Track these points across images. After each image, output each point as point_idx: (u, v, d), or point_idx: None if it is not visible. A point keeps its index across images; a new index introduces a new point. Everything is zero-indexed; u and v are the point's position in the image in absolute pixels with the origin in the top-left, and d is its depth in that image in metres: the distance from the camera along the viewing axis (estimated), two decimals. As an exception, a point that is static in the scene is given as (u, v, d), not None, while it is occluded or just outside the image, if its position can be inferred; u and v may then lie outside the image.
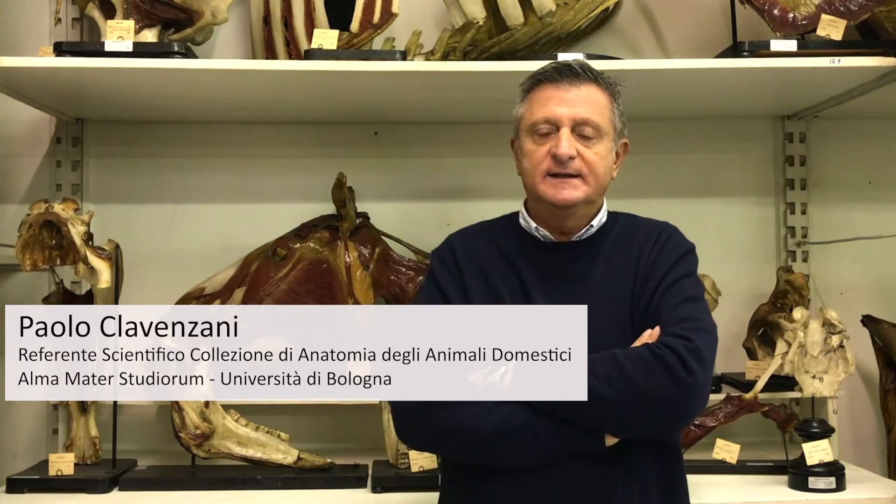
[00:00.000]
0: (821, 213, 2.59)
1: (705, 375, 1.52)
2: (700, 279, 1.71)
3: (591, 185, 1.63)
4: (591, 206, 1.67)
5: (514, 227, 1.73)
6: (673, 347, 1.50)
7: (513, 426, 1.52)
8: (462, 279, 1.67)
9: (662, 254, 1.66)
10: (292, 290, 2.32)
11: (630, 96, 2.28)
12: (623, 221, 1.74)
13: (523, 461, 1.54)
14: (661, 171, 2.58)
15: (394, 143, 2.56)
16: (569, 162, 1.60)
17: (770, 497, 2.04)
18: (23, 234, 2.05)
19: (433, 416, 1.54)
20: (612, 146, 1.67)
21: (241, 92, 2.22)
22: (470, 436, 1.53)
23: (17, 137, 2.50)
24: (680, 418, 1.56)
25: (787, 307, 2.34)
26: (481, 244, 1.72)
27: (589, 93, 1.64)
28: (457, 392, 1.54)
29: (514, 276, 1.66)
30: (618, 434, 1.54)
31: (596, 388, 1.49)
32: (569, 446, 1.53)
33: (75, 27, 2.45)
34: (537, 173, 1.63)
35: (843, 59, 2.05)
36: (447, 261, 1.71)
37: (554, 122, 1.62)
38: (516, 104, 1.71)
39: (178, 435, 2.08)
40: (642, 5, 2.59)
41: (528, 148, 1.65)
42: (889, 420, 2.48)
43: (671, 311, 1.58)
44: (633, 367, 1.49)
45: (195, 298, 2.34)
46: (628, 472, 1.56)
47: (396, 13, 2.20)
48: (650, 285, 1.63)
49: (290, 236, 2.37)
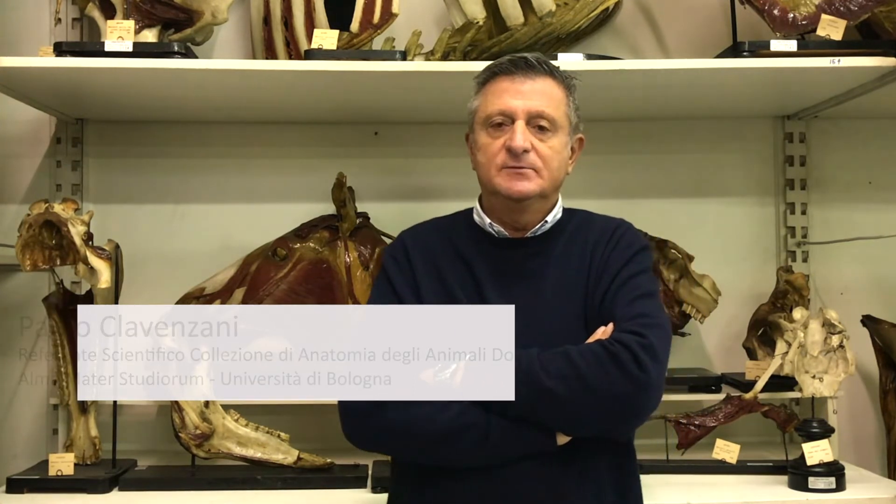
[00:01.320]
0: (821, 213, 2.59)
1: (658, 372, 1.51)
2: (654, 276, 1.70)
3: (545, 178, 1.61)
4: (545, 201, 1.66)
5: (468, 223, 1.72)
6: (626, 343, 1.49)
7: (464, 425, 1.50)
8: (414, 276, 1.66)
9: (616, 250, 1.65)
10: (292, 290, 2.32)
11: (630, 96, 2.31)
12: (578, 218, 1.73)
13: (475, 461, 1.52)
14: (661, 171, 2.58)
15: (394, 143, 2.56)
16: (523, 155, 1.59)
17: (770, 497, 2.04)
18: (23, 234, 2.05)
19: (382, 415, 1.52)
20: (567, 140, 1.65)
21: (241, 92, 2.22)
22: (421, 435, 1.51)
23: (17, 137, 2.50)
24: (633, 416, 1.53)
25: (787, 307, 2.34)
26: (434, 240, 1.70)
27: (544, 86, 1.62)
28: (407, 391, 1.52)
29: (467, 273, 1.65)
30: (571, 432, 1.52)
31: (549, 386, 1.47)
32: (521, 445, 1.51)
33: (75, 27, 2.45)
34: (492, 166, 1.62)
35: (843, 59, 2.05)
36: (399, 257, 1.69)
37: (509, 114, 1.60)
38: (471, 97, 1.69)
39: (178, 435, 2.08)
40: (642, 5, 2.59)
41: (483, 141, 1.64)
42: (889, 420, 2.48)
43: (624, 308, 1.56)
44: (586, 364, 1.48)
45: (195, 298, 2.33)
46: (581, 472, 1.55)
47: (396, 13, 2.20)
48: (604, 282, 1.61)
49: (290, 236, 2.37)
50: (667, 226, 2.47)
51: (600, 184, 2.55)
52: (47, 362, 2.44)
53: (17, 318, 2.45)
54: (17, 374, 2.47)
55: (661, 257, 2.42)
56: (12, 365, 2.46)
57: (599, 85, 2.17)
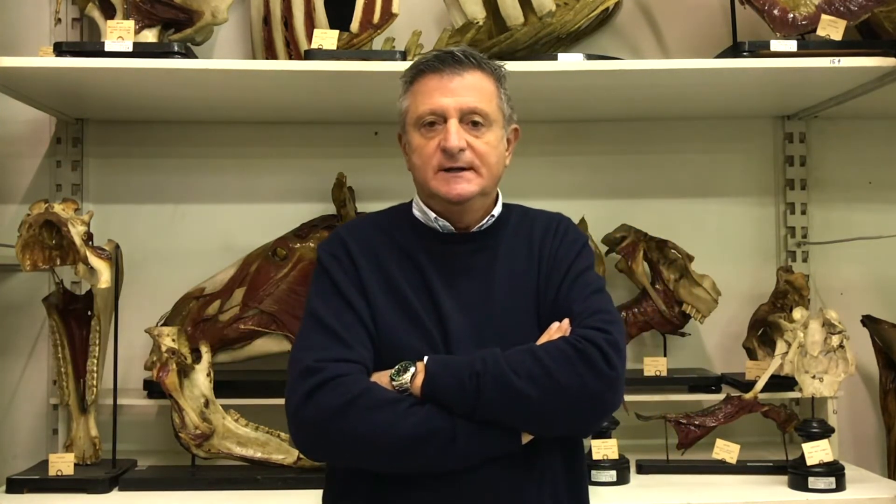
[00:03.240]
0: (821, 213, 2.59)
1: (623, 368, 1.49)
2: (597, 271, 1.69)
3: (484, 176, 1.57)
4: (486, 198, 1.62)
5: (408, 218, 1.66)
6: (593, 341, 1.47)
7: (430, 430, 1.44)
8: (359, 275, 1.58)
9: (563, 245, 1.62)
10: (292, 290, 2.32)
11: (630, 96, 2.31)
12: (517, 212, 1.70)
13: (441, 466, 1.46)
14: (662, 171, 2.58)
15: (394, 143, 2.52)
16: (459, 154, 1.54)
17: (770, 497, 2.04)
18: (23, 234, 2.05)
19: (344, 423, 1.44)
20: (502, 133, 1.61)
21: (241, 92, 2.22)
22: (384, 443, 1.44)
23: (17, 137, 2.50)
24: (602, 413, 1.52)
25: (787, 307, 2.34)
26: (375, 237, 1.64)
27: (474, 80, 1.58)
28: (366, 397, 1.45)
29: (414, 270, 1.59)
30: (539, 433, 1.49)
31: (518, 387, 1.43)
32: (487, 448, 1.46)
33: (75, 27, 2.45)
34: (428, 169, 1.58)
35: (843, 59, 2.05)
36: (340, 256, 1.60)
37: (440, 113, 1.56)
38: (399, 97, 1.64)
39: (178, 435, 2.08)
40: (642, 5, 2.59)
41: (417, 143, 1.59)
42: (889, 420, 2.48)
43: (582, 303, 1.54)
44: (555, 363, 1.45)
45: (195, 298, 2.34)
46: (541, 472, 1.52)
47: (396, 13, 2.20)
48: (555, 277, 1.59)
49: (290, 236, 2.37)
50: (667, 226, 2.47)
51: (600, 184, 2.55)
52: (47, 362, 2.44)
53: (17, 318, 2.46)
54: (17, 374, 2.47)
55: (661, 257, 2.42)
56: (12, 365, 2.47)
57: (599, 85, 2.18)
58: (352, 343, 1.52)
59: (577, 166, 2.57)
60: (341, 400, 1.44)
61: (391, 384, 1.49)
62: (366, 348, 1.53)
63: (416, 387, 1.47)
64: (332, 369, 1.47)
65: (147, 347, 2.28)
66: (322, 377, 1.46)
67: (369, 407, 1.44)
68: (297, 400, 1.47)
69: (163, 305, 2.35)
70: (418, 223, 1.65)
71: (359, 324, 1.54)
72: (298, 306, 2.32)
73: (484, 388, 1.44)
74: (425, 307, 1.56)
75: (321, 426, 1.46)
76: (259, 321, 2.31)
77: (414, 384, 1.48)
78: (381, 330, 1.55)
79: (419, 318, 1.55)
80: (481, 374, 1.44)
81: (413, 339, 1.54)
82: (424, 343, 1.53)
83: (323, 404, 1.45)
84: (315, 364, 1.48)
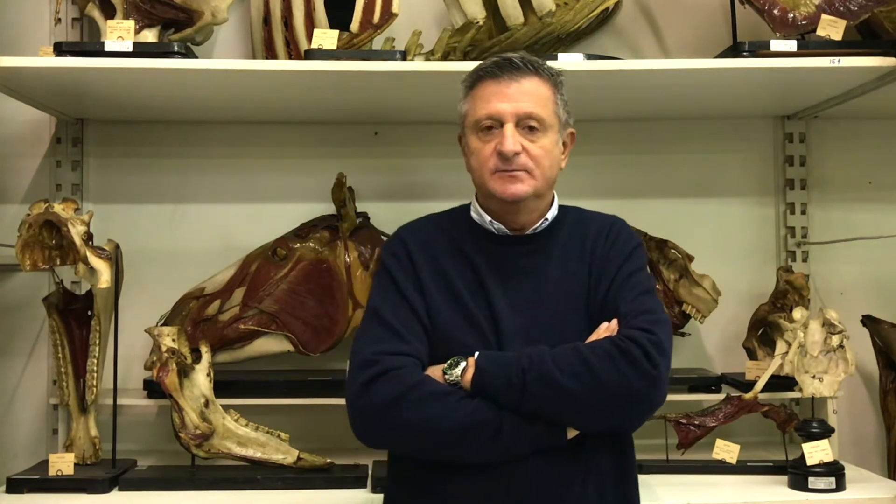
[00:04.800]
0: (821, 213, 2.59)
1: (667, 368, 1.54)
2: (650, 272, 1.72)
3: (538, 178, 1.64)
4: (540, 200, 1.68)
5: (466, 219, 1.73)
6: (637, 340, 1.52)
7: (477, 422, 1.52)
8: (416, 274, 1.66)
9: (615, 247, 1.68)
10: (292, 290, 2.32)
11: (630, 96, 2.31)
12: (573, 214, 1.76)
13: (487, 457, 1.53)
14: (661, 171, 2.58)
15: (394, 143, 2.56)
16: (514, 158, 1.61)
17: (770, 497, 2.04)
18: (23, 234, 2.05)
19: (397, 414, 1.53)
20: (557, 138, 1.67)
21: (241, 92, 2.22)
22: (435, 432, 1.53)
23: (17, 137, 2.50)
24: (644, 411, 1.56)
25: (787, 307, 2.34)
26: (434, 237, 1.72)
27: (531, 86, 1.64)
28: (419, 389, 1.54)
29: (469, 270, 1.66)
30: (582, 428, 1.54)
31: (562, 382, 1.49)
32: (532, 441, 1.53)
33: (75, 27, 2.45)
34: (485, 170, 1.64)
35: (843, 59, 2.05)
36: (400, 254, 1.70)
37: (497, 118, 1.62)
38: (460, 101, 1.71)
39: (178, 435, 2.08)
40: (642, 5, 2.59)
41: (475, 146, 1.66)
42: (889, 420, 2.48)
43: (630, 304, 1.59)
44: (599, 361, 1.50)
45: (195, 298, 2.34)
46: (586, 467, 1.57)
47: (396, 13, 2.20)
48: (605, 278, 1.64)
49: (290, 236, 2.37)
50: (667, 226, 2.47)
51: (600, 184, 2.55)
52: (47, 362, 2.44)
53: (17, 318, 2.46)
54: (17, 374, 2.47)
55: (661, 257, 2.42)
56: (12, 365, 2.47)
57: (599, 85, 2.18)
58: (408, 337, 1.61)
59: (576, 166, 2.53)
60: (395, 391, 1.53)
61: (443, 378, 1.56)
62: (421, 342, 1.62)
63: (466, 381, 1.55)
64: (387, 362, 1.56)
65: (147, 347, 2.28)
66: (378, 369, 1.55)
67: (420, 399, 1.53)
68: (354, 390, 1.57)
69: (163, 305, 2.35)
70: (475, 224, 1.72)
71: (415, 319, 1.63)
72: (298, 306, 2.33)
73: (529, 383, 1.51)
74: (479, 305, 1.64)
75: (375, 416, 1.55)
76: (259, 321, 2.31)
77: (464, 378, 1.55)
78: (435, 325, 1.64)
79: (472, 316, 1.63)
80: (527, 370, 1.51)
81: (466, 335, 1.62)
82: (477, 339, 1.61)
83: (377, 395, 1.54)
84: (372, 357, 1.57)
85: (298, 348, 2.32)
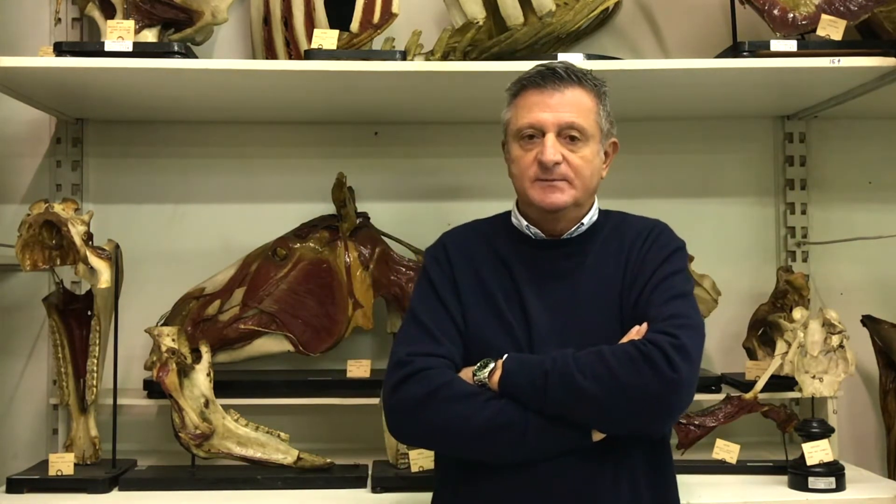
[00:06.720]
0: (821, 213, 2.59)
1: (691, 372, 1.54)
2: (691, 276, 1.72)
3: (577, 188, 1.65)
4: (579, 209, 1.69)
5: (506, 225, 1.76)
6: (658, 344, 1.52)
7: (503, 422, 1.54)
8: (454, 277, 1.69)
9: (652, 251, 1.68)
10: (292, 290, 2.33)
11: (630, 96, 2.30)
12: (614, 219, 1.76)
13: (513, 457, 1.55)
14: (661, 171, 2.58)
15: (394, 143, 2.56)
16: (554, 168, 1.62)
17: (770, 497, 2.04)
18: (23, 234, 2.05)
19: (425, 412, 1.56)
20: (598, 148, 1.69)
21: (241, 92, 2.22)
22: (461, 432, 1.55)
23: (17, 137, 2.50)
24: (665, 415, 1.57)
25: (787, 307, 2.34)
26: (474, 242, 1.74)
27: (573, 96, 1.65)
28: (447, 389, 1.56)
29: (505, 273, 1.68)
30: (605, 430, 1.55)
31: (582, 385, 1.51)
32: (557, 442, 1.54)
33: (75, 27, 2.45)
34: (525, 178, 1.66)
35: (843, 59, 2.05)
36: (440, 258, 1.73)
37: (538, 127, 1.64)
38: (504, 108, 1.72)
39: (178, 435, 2.08)
40: (642, 5, 2.59)
41: (516, 153, 1.68)
42: (889, 420, 2.48)
43: (658, 308, 1.59)
44: (619, 364, 1.51)
45: (195, 298, 2.34)
46: (617, 467, 1.58)
47: (396, 13, 2.20)
48: (639, 282, 1.64)
49: (290, 236, 2.37)
50: (667, 226, 2.47)
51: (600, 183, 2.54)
52: (47, 362, 2.44)
53: (17, 318, 2.46)
54: (17, 374, 2.47)
55: (661, 257, 2.42)
56: (12, 365, 2.47)
57: (599, 85, 2.17)
58: (441, 339, 1.64)
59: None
60: (424, 391, 1.57)
61: (473, 379, 1.59)
62: (455, 344, 1.65)
63: (493, 382, 1.57)
64: (419, 363, 1.60)
65: (147, 347, 2.28)
66: (410, 369, 1.59)
67: (448, 398, 1.56)
68: (388, 389, 1.62)
69: (163, 305, 2.35)
70: (514, 229, 1.74)
71: (450, 321, 1.66)
72: (298, 306, 2.33)
73: (551, 385, 1.52)
74: (512, 308, 1.65)
75: (406, 414, 1.59)
76: (259, 321, 2.31)
77: (492, 380, 1.57)
78: (470, 328, 1.66)
79: (506, 319, 1.65)
80: (549, 372, 1.53)
81: (499, 337, 1.64)
82: (509, 342, 1.63)
83: (408, 394, 1.58)
84: (406, 357, 1.61)
85: (298, 348, 2.32)
